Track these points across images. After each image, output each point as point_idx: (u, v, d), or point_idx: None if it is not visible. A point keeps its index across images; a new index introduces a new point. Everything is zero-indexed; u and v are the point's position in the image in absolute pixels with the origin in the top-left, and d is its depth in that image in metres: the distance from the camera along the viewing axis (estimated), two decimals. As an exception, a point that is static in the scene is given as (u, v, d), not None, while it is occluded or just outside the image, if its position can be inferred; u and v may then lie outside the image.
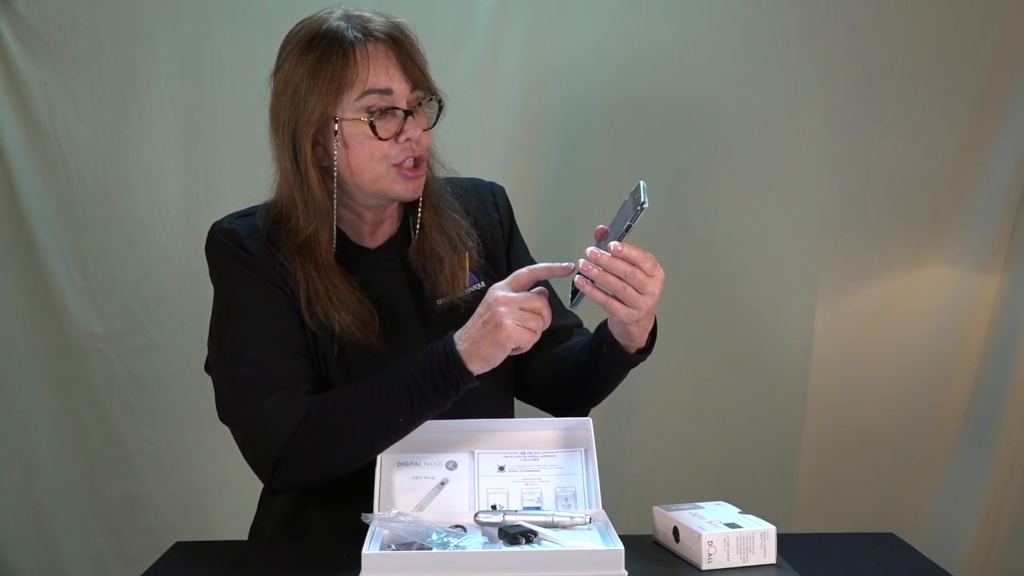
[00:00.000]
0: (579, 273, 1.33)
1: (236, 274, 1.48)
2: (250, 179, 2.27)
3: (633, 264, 1.30)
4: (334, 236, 1.48)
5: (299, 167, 1.45)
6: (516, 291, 1.36)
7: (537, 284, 1.39)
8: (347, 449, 1.41)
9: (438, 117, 1.49)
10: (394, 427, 1.39)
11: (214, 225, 1.51)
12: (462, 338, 1.35)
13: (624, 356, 1.45)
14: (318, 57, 1.43)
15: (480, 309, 1.36)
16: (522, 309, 1.33)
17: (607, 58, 2.34)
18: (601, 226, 1.36)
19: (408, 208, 1.56)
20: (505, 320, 1.32)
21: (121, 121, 2.30)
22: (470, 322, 1.37)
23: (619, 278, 1.31)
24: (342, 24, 1.44)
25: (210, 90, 2.31)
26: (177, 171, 2.33)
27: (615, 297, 1.32)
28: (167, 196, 2.33)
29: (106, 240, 2.33)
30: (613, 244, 1.30)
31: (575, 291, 1.35)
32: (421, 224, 1.53)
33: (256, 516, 1.61)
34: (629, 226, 1.29)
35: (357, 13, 1.46)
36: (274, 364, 1.44)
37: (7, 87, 2.28)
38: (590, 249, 1.32)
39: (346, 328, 1.44)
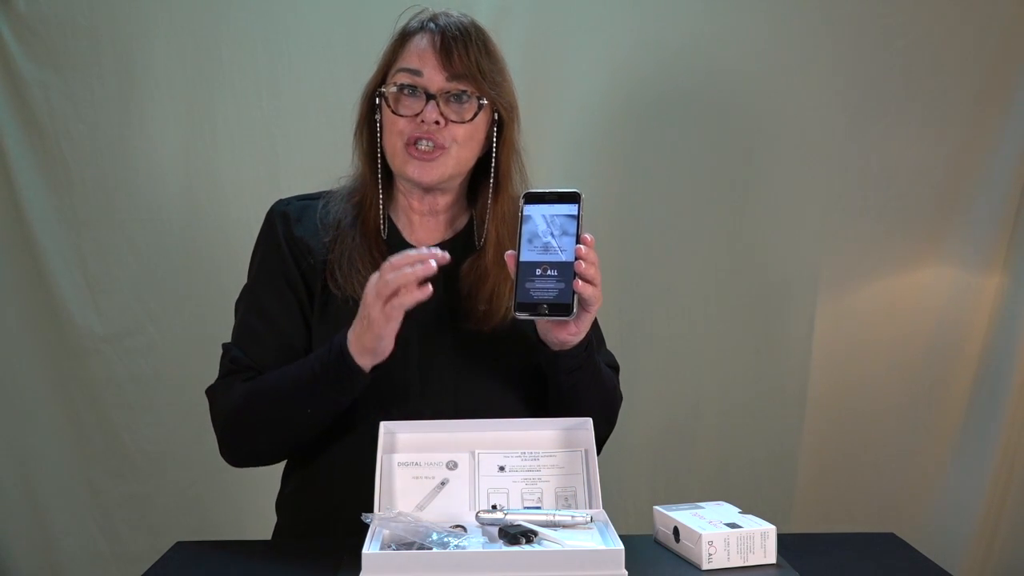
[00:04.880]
0: (579, 277, 1.34)
1: (266, 261, 1.56)
2: (251, 178, 2.32)
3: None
4: (379, 209, 1.53)
5: (360, 134, 1.56)
6: None
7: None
8: (272, 435, 1.50)
9: (475, 115, 1.50)
10: (305, 417, 1.46)
11: (275, 203, 1.60)
12: (351, 337, 1.40)
13: (566, 356, 1.46)
14: (392, 41, 1.55)
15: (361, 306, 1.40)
16: (380, 279, 1.35)
17: (608, 58, 2.34)
18: (510, 252, 1.38)
19: (475, 218, 1.58)
20: (372, 311, 1.36)
21: (121, 121, 2.30)
22: (357, 317, 1.40)
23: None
24: (423, 16, 1.54)
25: (210, 90, 2.31)
26: (177, 171, 2.33)
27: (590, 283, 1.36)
28: (167, 196, 2.33)
29: (106, 240, 2.32)
30: (587, 237, 1.36)
31: (535, 304, 1.35)
32: (488, 238, 1.55)
33: (277, 521, 1.63)
34: (581, 216, 1.35)
35: (445, 11, 1.54)
36: (257, 354, 1.51)
37: (7, 87, 2.28)
38: (579, 249, 1.35)
39: (350, 289, 1.49)
